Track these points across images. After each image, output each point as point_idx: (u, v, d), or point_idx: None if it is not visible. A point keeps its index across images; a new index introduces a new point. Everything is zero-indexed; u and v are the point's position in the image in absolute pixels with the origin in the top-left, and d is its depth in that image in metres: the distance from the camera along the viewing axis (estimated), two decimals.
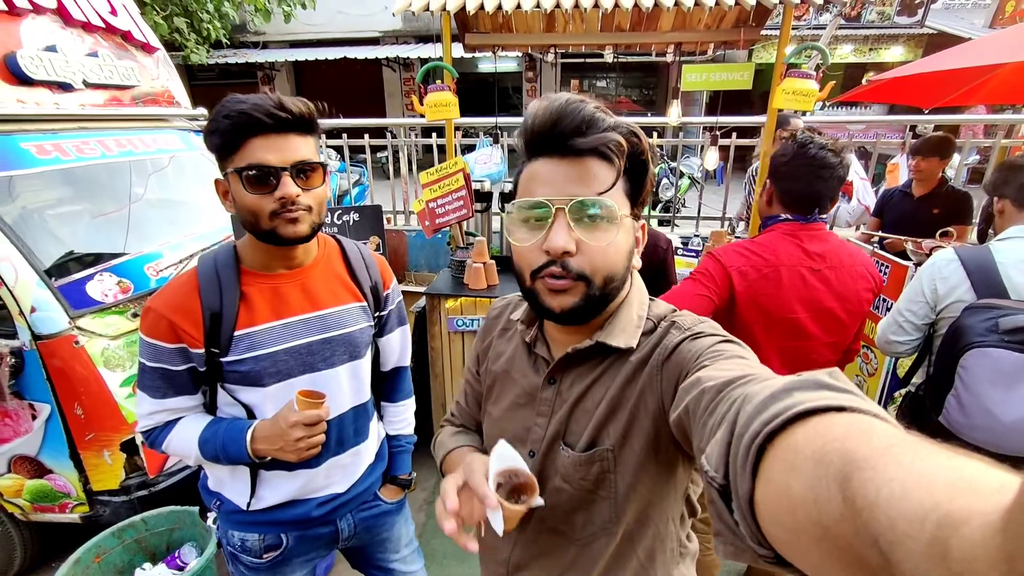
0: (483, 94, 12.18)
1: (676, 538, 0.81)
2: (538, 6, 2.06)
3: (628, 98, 13.33)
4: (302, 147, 0.98)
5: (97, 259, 1.99)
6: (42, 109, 2.12)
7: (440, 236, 3.53)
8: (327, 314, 1.12)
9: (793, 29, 2.42)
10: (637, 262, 0.74)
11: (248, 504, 1.13)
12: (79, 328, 1.81)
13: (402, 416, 1.38)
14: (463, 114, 2.64)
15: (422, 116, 2.43)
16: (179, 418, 1.09)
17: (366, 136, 4.35)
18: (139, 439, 1.93)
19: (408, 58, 10.75)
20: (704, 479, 0.44)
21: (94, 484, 1.92)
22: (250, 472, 1.12)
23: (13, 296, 1.72)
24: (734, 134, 3.98)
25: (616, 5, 2.04)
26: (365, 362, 1.21)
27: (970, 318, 1.45)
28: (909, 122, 4.12)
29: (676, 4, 2.00)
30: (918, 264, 2.46)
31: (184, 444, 1.06)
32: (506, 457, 0.71)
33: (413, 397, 1.42)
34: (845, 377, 0.40)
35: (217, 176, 1.02)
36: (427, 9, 2.11)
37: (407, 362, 1.37)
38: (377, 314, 1.24)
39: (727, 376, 0.52)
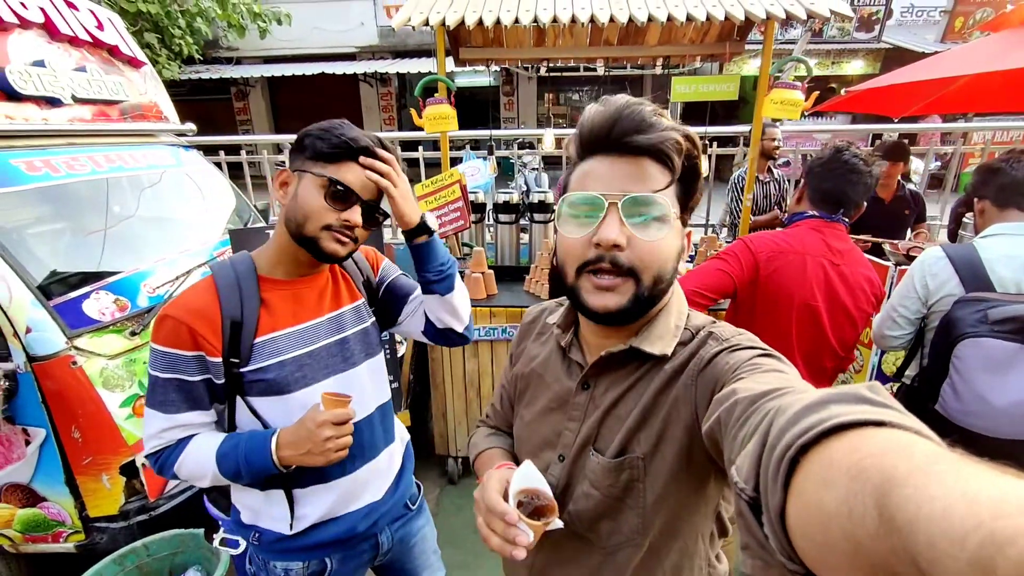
0: (460, 108, 12.26)
1: (705, 556, 0.79)
2: (535, 21, 2.12)
3: None
4: (375, 193, 1.05)
5: (93, 277, 1.94)
6: (31, 125, 2.07)
7: None
8: (340, 314, 1.13)
9: (760, 44, 2.54)
10: (683, 268, 0.79)
11: (291, 526, 1.10)
12: (76, 348, 1.75)
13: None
14: None
15: (420, 128, 2.45)
16: (192, 436, 1.03)
17: None
18: (140, 462, 1.87)
19: (386, 73, 10.77)
20: (734, 491, 0.43)
21: (91, 510, 1.85)
22: (285, 493, 1.09)
23: (7, 316, 1.66)
24: (715, 143, 4.12)
25: (611, 20, 2.11)
26: (380, 360, 1.22)
27: (961, 311, 1.54)
28: (873, 131, 4.35)
29: (669, 19, 2.09)
30: (897, 264, 2.60)
31: (199, 462, 1.00)
32: (530, 477, 0.71)
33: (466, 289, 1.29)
34: (885, 391, 0.39)
35: (283, 169, 1.03)
36: (427, 24, 2.15)
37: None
38: (379, 296, 1.24)
39: (762, 388, 0.51)
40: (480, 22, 2.14)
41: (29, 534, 1.89)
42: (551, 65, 2.97)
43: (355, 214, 1.00)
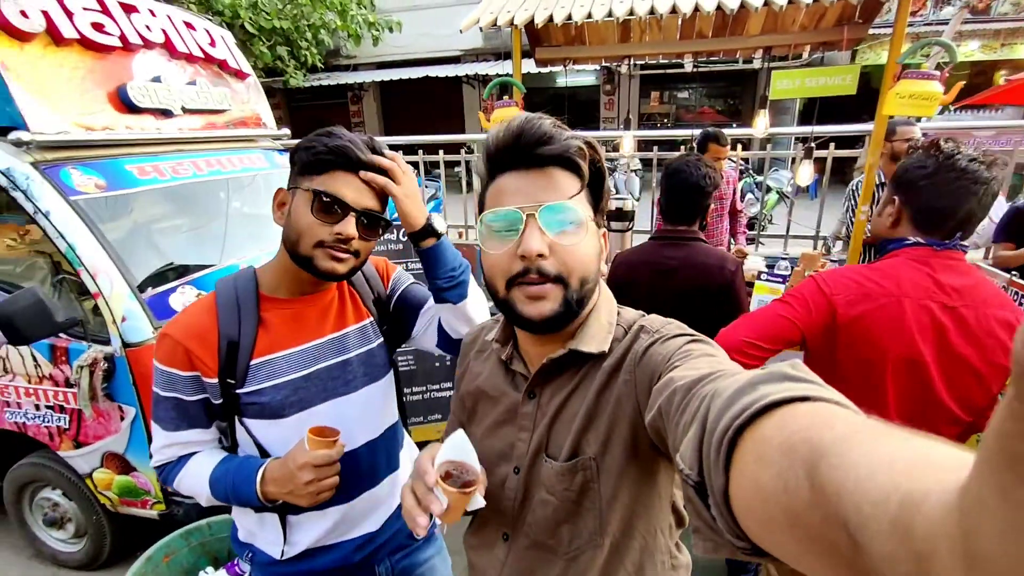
0: (560, 109, 12.19)
1: (666, 549, 0.79)
2: (610, 15, 1.96)
3: (712, 108, 12.74)
4: (379, 199, 0.99)
5: (182, 273, 2.12)
6: (146, 134, 2.32)
7: None
8: (342, 335, 1.07)
9: (907, 27, 2.12)
10: (604, 268, 0.77)
11: (282, 552, 1.08)
12: None
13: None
14: None
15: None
16: (192, 453, 1.04)
17: (440, 152, 4.45)
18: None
19: (486, 75, 10.98)
20: (680, 477, 0.45)
21: None
22: (279, 518, 1.07)
23: (108, 306, 1.86)
24: (832, 145, 3.61)
25: (696, 9, 1.89)
26: (387, 382, 1.15)
27: None
28: None
29: (766, 4, 1.81)
30: None
31: (195, 482, 1.01)
32: (459, 448, 0.72)
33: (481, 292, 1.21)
34: (806, 368, 0.41)
35: (283, 186, 1.00)
36: (495, 25, 2.08)
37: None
38: (385, 326, 1.16)
39: (697, 374, 0.53)
40: (551, 19, 2.02)
41: (124, 498, 2.13)
42: (652, 62, 2.76)
43: (348, 226, 0.93)
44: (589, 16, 1.97)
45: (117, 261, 1.91)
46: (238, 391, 0.98)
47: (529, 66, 9.96)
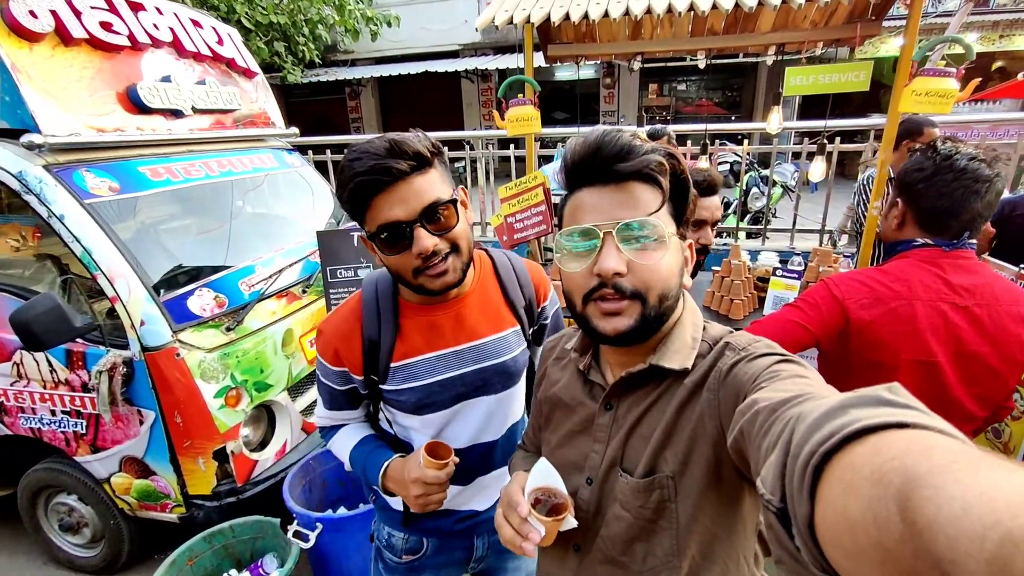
0: (559, 103, 12.13)
1: None
2: (627, 13, 1.95)
3: (710, 101, 12.71)
4: (428, 189, 0.91)
5: (197, 275, 2.11)
6: (157, 135, 2.30)
7: (516, 251, 3.50)
8: (481, 344, 1.09)
9: (905, 20, 2.12)
10: (688, 281, 0.75)
11: (405, 516, 1.16)
12: (180, 341, 1.92)
13: None
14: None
15: (503, 130, 2.38)
16: (343, 425, 1.19)
17: (445, 148, 4.43)
18: (231, 449, 2.01)
19: (486, 69, 10.92)
20: (761, 502, 0.42)
21: (190, 488, 2.03)
22: None
23: (127, 310, 1.86)
24: (837, 139, 3.61)
25: (714, 6, 1.88)
26: (519, 388, 1.18)
27: None
28: None
29: (784, 2, 1.80)
30: None
31: (340, 451, 1.16)
32: (546, 475, 0.73)
33: None
34: (906, 391, 0.38)
35: (362, 234, 0.99)
36: (511, 22, 2.06)
37: None
38: (533, 328, 1.19)
39: (782, 396, 0.51)
40: (567, 17, 2.01)
41: (143, 502, 2.13)
42: (649, 58, 2.75)
43: (423, 241, 0.91)
44: (606, 14, 1.96)
45: (135, 265, 1.90)
46: (381, 387, 1.07)
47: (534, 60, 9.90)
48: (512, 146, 4.61)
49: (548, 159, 5.50)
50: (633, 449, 0.75)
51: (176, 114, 2.39)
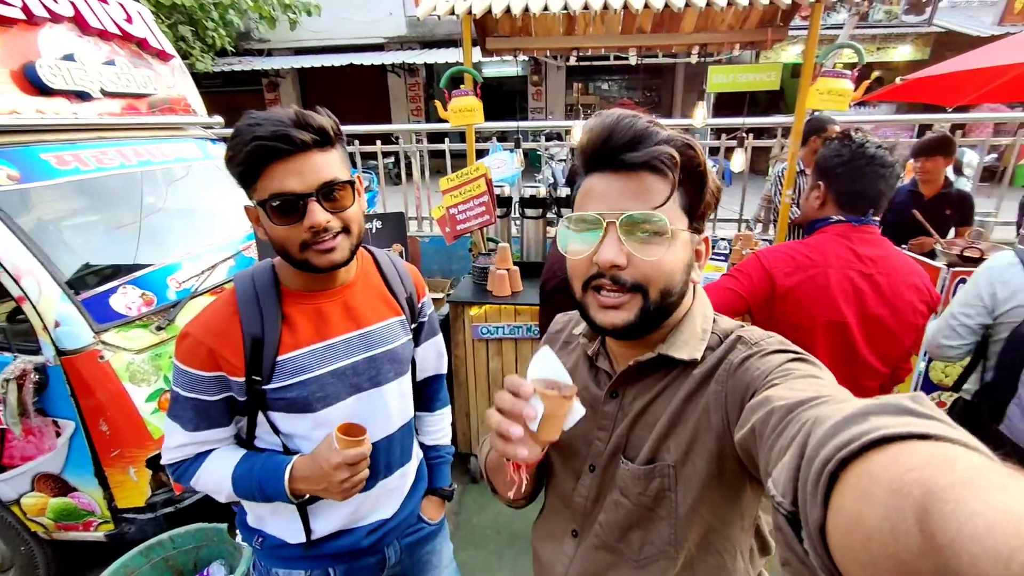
0: (488, 99, 12.16)
1: (744, 573, 0.75)
2: (565, 8, 2.02)
3: (631, 99, 13.30)
4: (327, 167, 0.90)
5: (119, 271, 1.95)
6: (61, 119, 2.08)
7: (455, 243, 3.50)
8: (370, 331, 1.07)
9: (805, 30, 2.37)
10: (697, 276, 0.73)
11: (308, 538, 1.07)
12: (104, 343, 1.76)
13: (440, 426, 1.35)
14: None
15: (432, 124, 2.39)
16: (210, 451, 1.02)
17: (378, 142, 4.33)
18: None
19: (413, 64, 10.74)
20: (771, 504, 0.42)
21: (119, 501, 1.88)
22: (298, 508, 1.06)
23: (37, 311, 1.68)
24: (750, 135, 3.94)
25: (646, 5, 2.00)
26: (408, 377, 1.17)
27: None
28: (922, 121, 4.06)
29: (708, 4, 1.96)
30: (949, 265, 2.41)
31: (215, 480, 1.00)
32: (550, 365, 0.66)
33: (449, 406, 1.38)
34: (930, 402, 0.37)
35: (246, 202, 0.95)
36: (452, 13, 2.07)
37: (443, 370, 1.34)
38: (412, 326, 1.19)
39: (798, 396, 0.50)
40: (508, 10, 2.05)
41: (61, 522, 1.93)
42: (580, 55, 2.86)
43: (316, 215, 0.88)
44: (546, 8, 2.03)
45: (44, 261, 1.72)
46: (265, 387, 0.97)
47: (457, 55, 9.85)
48: (446, 140, 4.59)
49: (483, 152, 5.53)
50: (637, 437, 0.74)
51: (82, 96, 2.17)
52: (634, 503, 0.73)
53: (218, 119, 2.91)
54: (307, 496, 0.99)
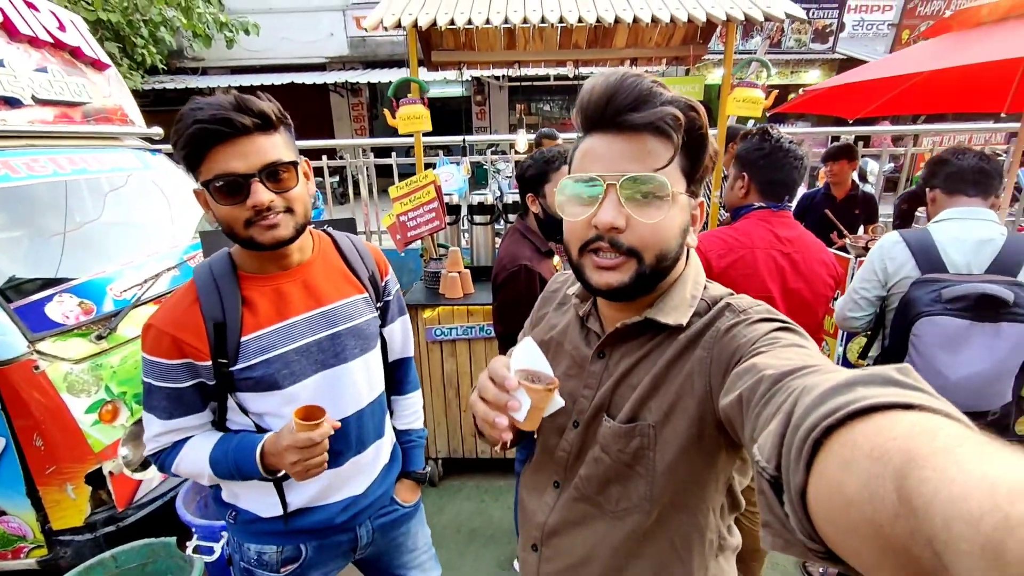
0: (433, 119, 12.26)
1: (716, 529, 0.78)
2: (507, 22, 2.17)
3: (570, 120, 13.79)
4: (270, 149, 0.94)
5: (57, 280, 1.87)
6: None
7: (404, 255, 3.55)
8: (331, 309, 1.11)
9: (722, 54, 2.65)
10: (693, 240, 0.73)
11: (284, 511, 1.10)
12: (39, 352, 1.69)
13: (412, 409, 1.37)
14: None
15: (394, 133, 2.46)
16: (188, 438, 1.06)
17: (324, 157, 4.33)
18: (108, 469, 1.80)
19: (356, 83, 10.73)
20: (755, 469, 0.43)
21: (54, 523, 1.77)
22: (274, 483, 1.08)
23: None
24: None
25: (580, 20, 2.17)
26: (376, 354, 1.20)
27: (917, 291, 1.62)
28: (832, 133, 4.57)
29: (635, 20, 2.16)
30: (857, 256, 2.72)
31: (196, 464, 1.04)
32: (532, 356, 0.67)
33: (420, 389, 1.42)
34: (915, 374, 0.38)
35: (195, 187, 0.99)
36: (399, 25, 2.17)
37: (410, 352, 1.37)
38: (378, 304, 1.23)
39: (786, 366, 0.51)
40: (452, 23, 2.17)
41: None
42: (522, 75, 3.02)
43: (259, 195, 0.92)
44: (487, 21, 2.16)
45: None
46: (231, 368, 1.00)
47: (401, 75, 9.92)
48: (393, 155, 4.64)
49: (430, 166, 5.60)
50: (620, 397, 0.75)
51: (11, 103, 2.09)
52: (613, 459, 0.75)
53: (157, 130, 2.85)
54: (282, 472, 1.02)
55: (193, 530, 1.75)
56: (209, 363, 0.99)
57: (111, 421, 1.82)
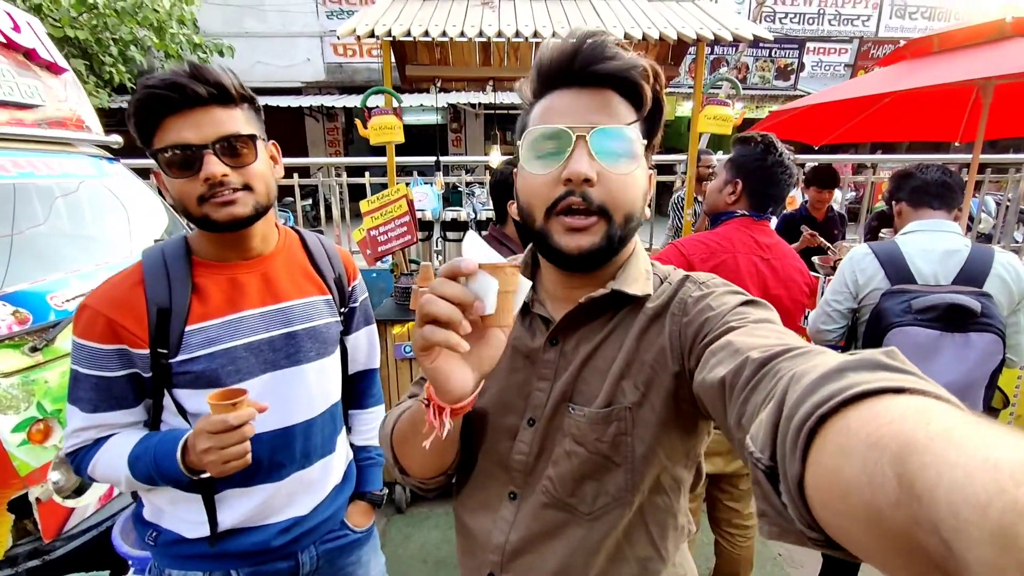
0: (409, 147, 12.32)
1: (684, 511, 0.76)
2: (481, 35, 2.17)
3: None
4: (227, 121, 0.88)
5: None
6: None
7: (376, 275, 3.47)
8: (290, 306, 1.03)
9: (692, 88, 2.73)
10: (647, 212, 0.71)
11: (213, 531, 0.97)
12: None
13: (372, 424, 1.27)
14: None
15: (370, 152, 2.42)
16: (110, 435, 0.94)
17: (296, 175, 4.24)
18: (35, 495, 1.63)
19: (332, 107, 10.73)
20: (749, 460, 0.43)
21: None
22: (203, 497, 0.96)
23: None
24: (654, 170, 4.33)
25: (553, 35, 2.19)
26: (333, 360, 1.12)
27: (888, 302, 1.63)
28: (798, 160, 4.78)
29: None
30: (826, 275, 2.77)
31: (113, 464, 0.92)
32: (478, 247, 0.56)
33: (383, 404, 1.32)
34: (903, 356, 0.39)
35: (156, 169, 0.92)
36: (372, 35, 2.15)
37: (376, 364, 1.29)
38: (342, 309, 1.15)
39: (767, 347, 0.50)
40: (426, 34, 2.16)
41: None
42: (499, 103, 3.03)
43: (212, 166, 0.86)
44: (462, 34, 2.16)
45: None
46: (171, 360, 0.90)
47: (377, 101, 9.96)
48: (367, 174, 4.59)
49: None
50: (585, 383, 0.71)
51: None
52: (591, 450, 0.69)
53: (116, 138, 2.73)
54: (205, 474, 0.90)
55: (130, 563, 1.59)
56: (146, 352, 0.90)
57: (42, 442, 1.65)
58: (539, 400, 0.73)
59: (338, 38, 2.26)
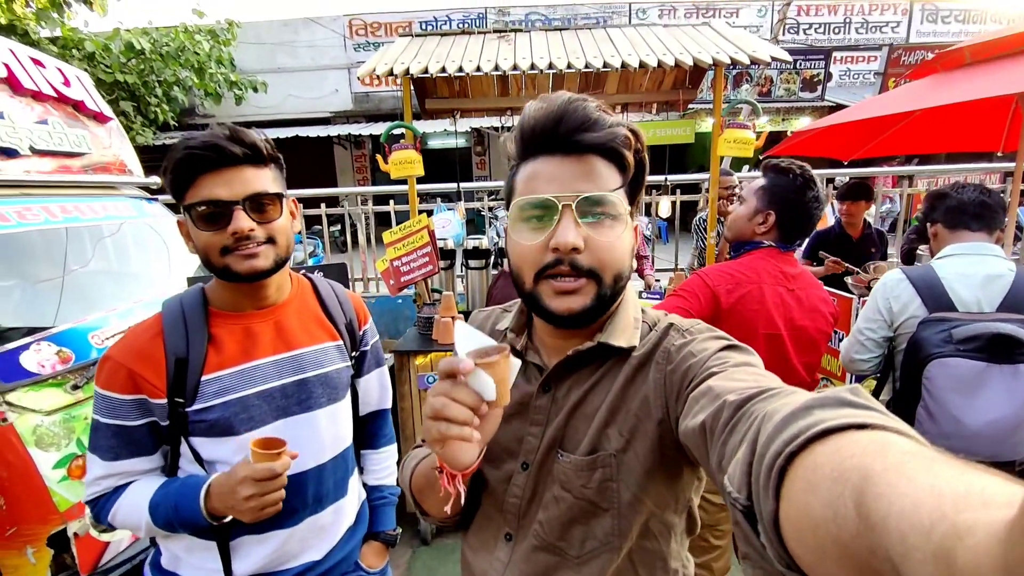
0: (434, 169, 12.57)
1: (679, 556, 0.76)
2: (497, 69, 2.21)
3: None
4: (256, 180, 0.94)
5: (37, 328, 1.82)
6: None
7: (400, 302, 3.51)
8: (301, 354, 1.05)
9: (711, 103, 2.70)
10: (633, 263, 0.73)
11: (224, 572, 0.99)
12: (8, 403, 1.62)
13: (384, 464, 1.28)
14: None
15: (391, 181, 2.48)
16: (130, 483, 0.97)
17: (323, 206, 4.37)
18: (73, 531, 1.69)
19: (359, 135, 11.07)
20: (728, 500, 0.43)
21: None
22: (218, 545, 0.98)
23: None
24: (678, 191, 4.28)
25: (568, 66, 2.22)
26: (345, 405, 1.13)
27: (926, 331, 1.55)
28: (827, 175, 4.62)
29: (623, 66, 2.20)
30: (860, 296, 2.65)
31: (133, 511, 0.94)
32: (467, 335, 0.62)
33: (395, 444, 1.33)
34: (867, 393, 0.40)
35: (179, 218, 0.97)
36: (391, 74, 2.22)
37: (388, 404, 1.30)
38: (353, 353, 1.18)
39: (743, 390, 0.51)
40: (443, 71, 2.22)
41: None
42: (510, 127, 3.09)
43: (240, 221, 0.90)
44: (478, 69, 2.21)
45: None
46: (187, 409, 0.93)
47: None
48: (391, 202, 4.69)
49: (428, 212, 5.65)
50: (574, 429, 0.72)
51: (8, 153, 2.11)
52: (576, 496, 0.70)
53: (155, 179, 2.88)
54: (226, 520, 0.92)
55: None
56: (164, 401, 0.93)
57: (80, 477, 1.72)
58: (532, 445, 0.75)
59: (358, 78, 2.33)
